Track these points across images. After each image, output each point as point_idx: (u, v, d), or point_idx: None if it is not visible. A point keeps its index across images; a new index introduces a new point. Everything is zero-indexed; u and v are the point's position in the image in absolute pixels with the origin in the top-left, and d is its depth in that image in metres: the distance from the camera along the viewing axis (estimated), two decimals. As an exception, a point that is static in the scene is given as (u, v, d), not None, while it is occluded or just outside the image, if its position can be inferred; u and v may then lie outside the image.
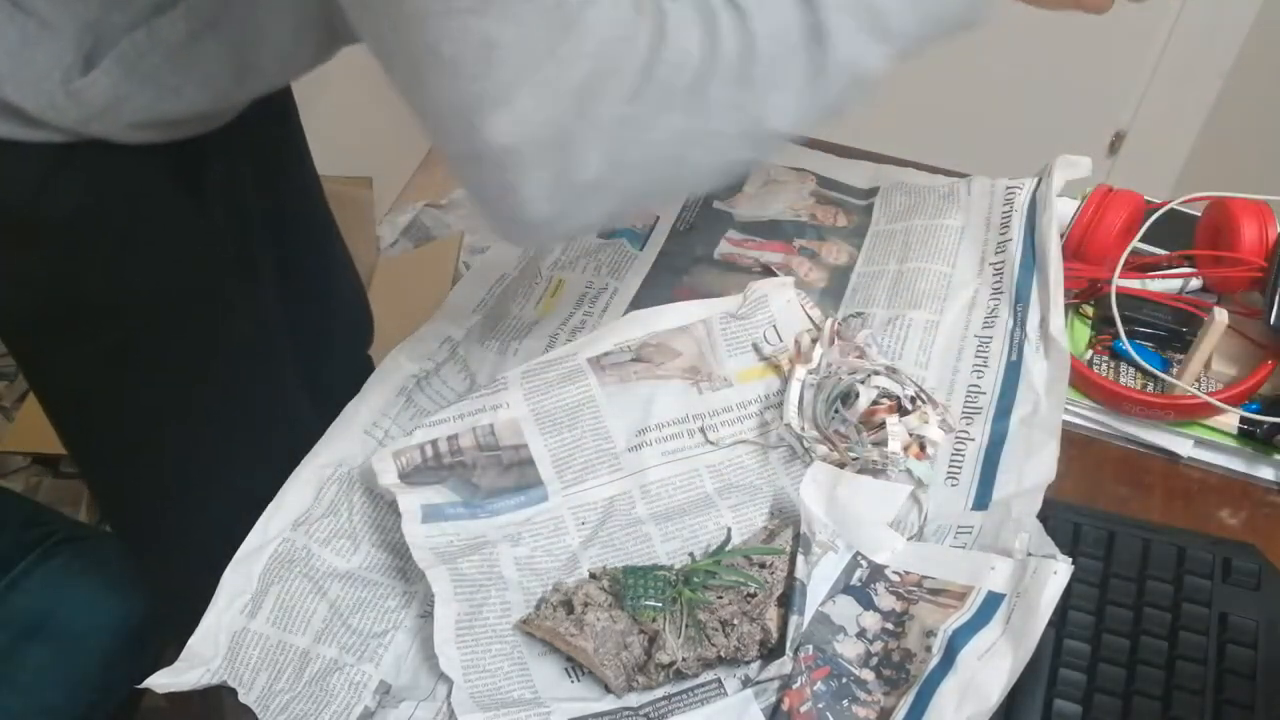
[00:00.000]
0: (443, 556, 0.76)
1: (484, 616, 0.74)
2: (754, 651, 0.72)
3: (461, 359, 0.90)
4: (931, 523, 0.81)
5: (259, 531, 0.78)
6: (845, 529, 0.77)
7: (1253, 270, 0.92)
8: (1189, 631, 0.73)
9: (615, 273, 0.99)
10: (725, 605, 0.72)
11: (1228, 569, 0.77)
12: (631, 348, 0.89)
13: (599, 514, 0.81)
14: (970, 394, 0.89)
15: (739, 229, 1.05)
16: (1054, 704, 0.70)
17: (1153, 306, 0.95)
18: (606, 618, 0.72)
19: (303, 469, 0.82)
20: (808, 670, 0.70)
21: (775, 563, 0.75)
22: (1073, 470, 0.86)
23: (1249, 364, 0.91)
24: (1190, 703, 0.70)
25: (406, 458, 0.80)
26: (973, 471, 0.84)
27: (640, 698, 0.72)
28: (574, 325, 0.93)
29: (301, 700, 0.71)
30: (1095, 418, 0.90)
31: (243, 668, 0.72)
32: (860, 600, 0.75)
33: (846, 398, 0.85)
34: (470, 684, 0.70)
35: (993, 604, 0.71)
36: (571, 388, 0.86)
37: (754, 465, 0.85)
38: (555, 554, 0.79)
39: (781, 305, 0.93)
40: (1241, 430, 0.87)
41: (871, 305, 0.96)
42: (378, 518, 0.81)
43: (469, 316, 0.93)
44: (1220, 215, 0.96)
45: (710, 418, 0.87)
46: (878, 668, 0.71)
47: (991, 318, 0.93)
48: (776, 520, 0.80)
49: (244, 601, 0.75)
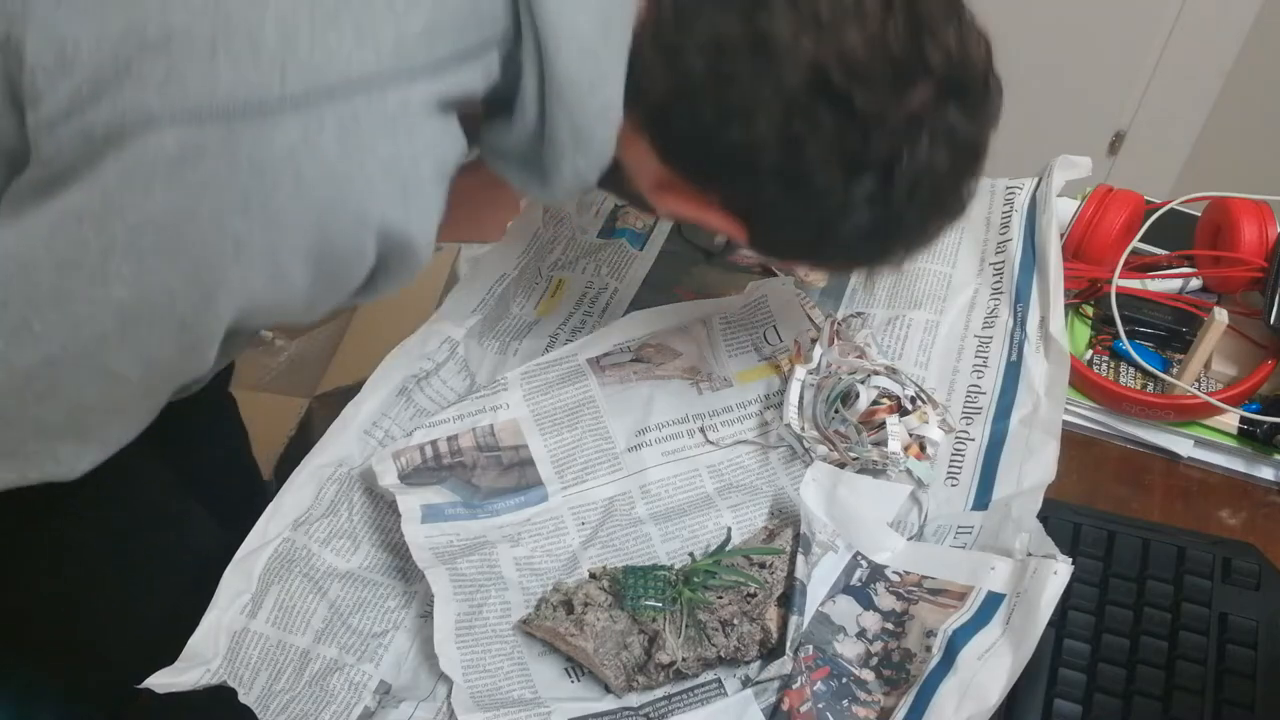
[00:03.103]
0: (442, 557, 0.76)
1: (484, 616, 0.74)
2: (754, 651, 0.72)
3: (461, 359, 0.90)
4: (931, 523, 0.81)
5: (259, 532, 0.78)
6: (845, 529, 0.77)
7: (1253, 270, 0.92)
8: (1189, 631, 0.73)
9: (616, 273, 0.99)
10: (725, 605, 0.72)
11: (1228, 569, 0.77)
12: (631, 348, 0.89)
13: (599, 514, 0.81)
14: (970, 394, 0.89)
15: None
16: (1054, 704, 0.70)
17: (1153, 306, 0.95)
18: (606, 618, 0.72)
19: (302, 470, 0.82)
20: (808, 670, 0.70)
21: (775, 563, 0.75)
22: (1073, 470, 0.86)
23: (1249, 364, 0.91)
24: (1190, 703, 0.70)
25: (406, 458, 0.80)
26: (973, 471, 0.84)
27: (640, 698, 0.72)
28: (574, 325, 0.93)
29: (301, 700, 0.71)
30: (1095, 418, 0.90)
31: (243, 668, 0.72)
32: (860, 600, 0.75)
33: (846, 398, 0.85)
34: (470, 684, 0.70)
35: (993, 604, 0.71)
36: (571, 388, 0.86)
37: (754, 465, 0.85)
38: (555, 554, 0.79)
39: (781, 305, 0.93)
40: (1241, 430, 0.87)
41: (871, 305, 0.96)
42: (378, 518, 0.81)
43: (468, 317, 0.93)
44: (1220, 215, 0.96)
45: (710, 418, 0.87)
46: (878, 668, 0.71)
47: (991, 318, 0.93)
48: (776, 520, 0.80)
49: (244, 601, 0.75)
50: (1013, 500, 0.80)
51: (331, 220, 0.59)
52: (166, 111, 0.55)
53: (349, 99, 0.57)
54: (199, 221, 0.56)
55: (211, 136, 0.55)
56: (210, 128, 0.55)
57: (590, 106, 0.63)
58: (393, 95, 0.58)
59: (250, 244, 0.57)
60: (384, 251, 0.62)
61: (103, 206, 0.56)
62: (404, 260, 0.64)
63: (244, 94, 0.55)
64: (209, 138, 0.55)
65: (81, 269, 0.57)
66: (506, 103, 0.65)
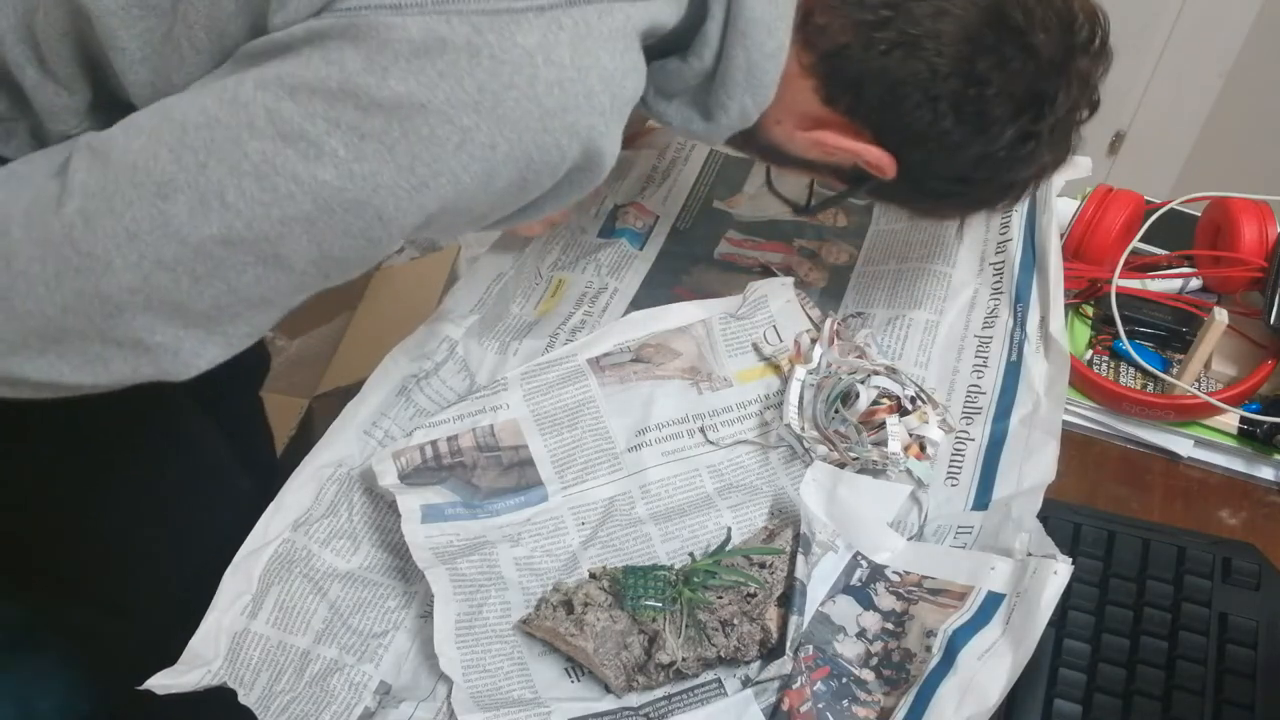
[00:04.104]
0: (442, 557, 0.76)
1: (484, 616, 0.74)
2: (754, 651, 0.72)
3: (460, 359, 0.90)
4: (931, 523, 0.81)
5: (259, 532, 0.78)
6: (845, 529, 0.77)
7: (1253, 270, 0.92)
8: (1189, 631, 0.73)
9: (615, 272, 0.99)
10: (725, 605, 0.72)
11: (1228, 569, 0.77)
12: (631, 348, 0.89)
13: (599, 514, 0.81)
14: (970, 394, 0.89)
15: (739, 229, 1.05)
16: (1054, 704, 0.70)
17: (1153, 306, 0.95)
18: (606, 618, 0.72)
19: (302, 470, 0.82)
20: (808, 670, 0.70)
21: (775, 563, 0.75)
22: (1073, 470, 0.86)
23: (1249, 364, 0.91)
24: (1190, 703, 0.70)
25: (406, 458, 0.80)
26: (972, 471, 0.84)
27: (640, 698, 0.72)
28: (574, 325, 0.93)
29: (302, 701, 0.71)
30: (1095, 418, 0.90)
31: (243, 669, 0.72)
32: (860, 600, 0.75)
33: (846, 398, 0.85)
34: (470, 684, 0.70)
35: (993, 604, 0.71)
36: (571, 388, 0.86)
37: (754, 465, 0.85)
38: (555, 554, 0.79)
39: (781, 305, 0.93)
40: (1241, 430, 0.87)
41: (871, 305, 0.96)
42: (378, 518, 0.81)
43: (467, 316, 0.93)
44: (1220, 215, 0.96)
45: (710, 418, 0.87)
46: (878, 668, 0.71)
47: (991, 318, 0.93)
48: (776, 520, 0.80)
49: (244, 602, 0.75)
50: (1013, 500, 0.80)
51: (552, 123, 0.61)
52: (415, 3, 0.57)
53: (585, 8, 0.60)
54: (429, 111, 0.58)
55: (457, 30, 0.57)
56: (456, 21, 0.57)
57: (767, 46, 0.67)
58: (619, 11, 0.61)
59: (474, 139, 0.59)
60: (578, 164, 0.64)
61: (339, 84, 0.57)
62: (589, 175, 0.66)
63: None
64: (454, 31, 0.57)
65: (299, 143, 0.58)
66: (680, 43, 0.69)
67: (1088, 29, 0.72)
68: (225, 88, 0.59)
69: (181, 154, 0.58)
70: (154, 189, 0.58)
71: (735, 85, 0.69)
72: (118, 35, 0.65)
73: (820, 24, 0.70)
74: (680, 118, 0.73)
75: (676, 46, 0.70)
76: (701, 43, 0.69)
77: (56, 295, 0.59)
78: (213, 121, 0.58)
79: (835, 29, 0.70)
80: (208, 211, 0.58)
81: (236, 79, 0.59)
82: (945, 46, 0.68)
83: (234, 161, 0.58)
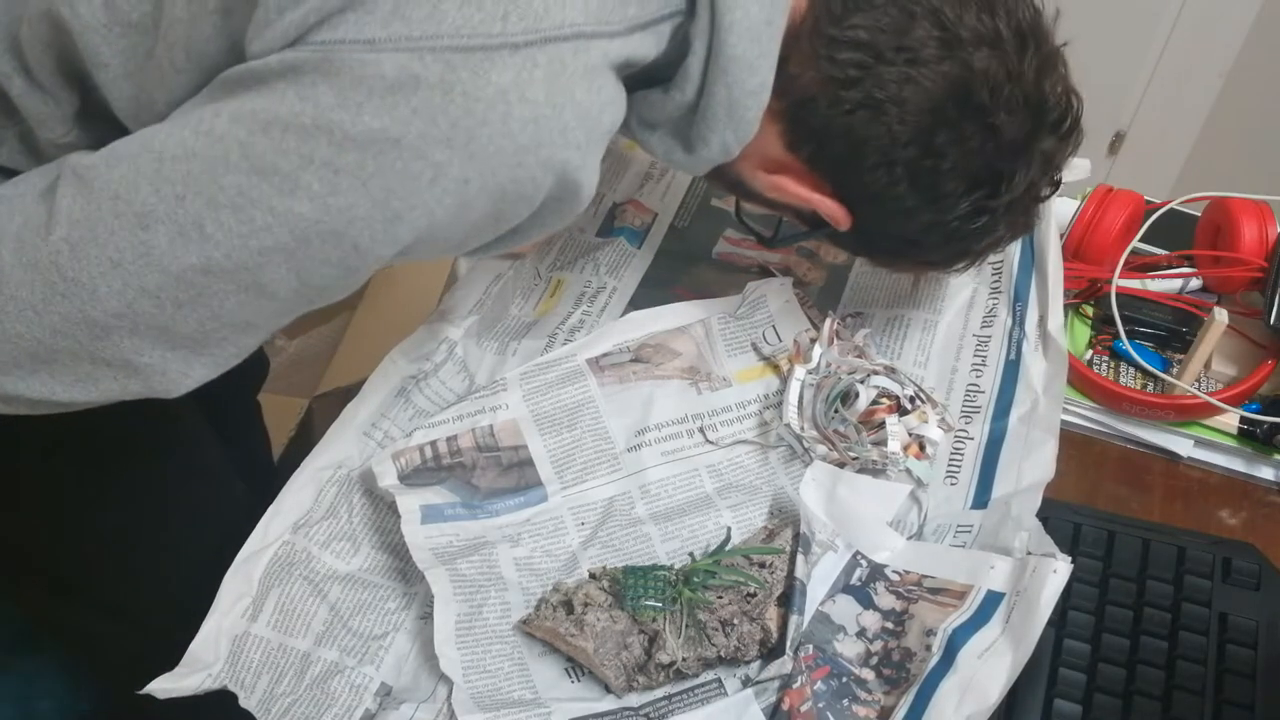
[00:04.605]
0: (442, 557, 0.76)
1: (484, 617, 0.74)
2: (754, 651, 0.72)
3: (460, 359, 0.90)
4: (931, 522, 0.81)
5: (259, 535, 0.78)
6: (845, 528, 0.77)
7: (1253, 270, 0.92)
8: (1189, 631, 0.73)
9: (614, 272, 0.99)
10: (725, 605, 0.72)
11: (1228, 569, 0.77)
12: (630, 348, 0.89)
13: (599, 514, 0.81)
14: (969, 393, 0.89)
15: (737, 228, 1.05)
16: (1054, 704, 0.70)
17: (1153, 306, 0.95)
18: (606, 618, 0.72)
19: (302, 472, 0.82)
20: (808, 670, 0.70)
21: (775, 562, 0.75)
22: (1072, 470, 0.86)
23: (1249, 364, 0.91)
24: (1190, 703, 0.70)
25: (406, 459, 0.80)
26: (972, 470, 0.84)
27: (640, 698, 0.72)
28: (572, 325, 0.93)
29: (303, 703, 0.71)
30: (1095, 417, 0.90)
31: (244, 671, 0.72)
32: (860, 600, 0.75)
33: (846, 397, 0.85)
34: (470, 685, 0.70)
35: (992, 603, 0.71)
36: (571, 388, 0.86)
37: (754, 465, 0.85)
38: (555, 554, 0.79)
39: (780, 305, 0.93)
40: (1241, 430, 0.87)
41: (870, 305, 0.96)
42: (377, 519, 0.81)
43: (466, 317, 0.93)
44: (1220, 215, 0.96)
45: (710, 418, 0.87)
46: (878, 667, 0.71)
47: (990, 317, 0.93)
48: (776, 520, 0.80)
49: (245, 605, 0.75)
50: (1012, 498, 0.80)
51: (526, 158, 0.61)
52: (389, 39, 0.58)
53: (559, 46, 0.60)
54: (402, 147, 0.59)
55: (430, 67, 0.58)
56: (429, 58, 0.58)
57: (749, 84, 0.68)
58: (595, 48, 0.62)
59: (447, 174, 0.60)
60: (553, 194, 0.65)
61: (312, 120, 0.58)
62: (568, 204, 0.67)
63: (468, 31, 0.58)
64: (427, 68, 0.58)
65: (273, 177, 0.59)
66: (662, 75, 0.70)
67: (1058, 111, 0.72)
68: (202, 119, 0.60)
69: (160, 186, 0.59)
70: (134, 219, 0.59)
71: (717, 120, 0.69)
72: (100, 52, 0.66)
73: (793, 73, 0.70)
74: (663, 148, 0.74)
75: (660, 78, 0.70)
76: (683, 77, 0.69)
77: (46, 318, 0.61)
78: (190, 154, 0.59)
79: (806, 80, 0.70)
80: (187, 242, 0.59)
81: (213, 110, 0.60)
82: (908, 115, 0.69)
83: (211, 194, 0.59)
